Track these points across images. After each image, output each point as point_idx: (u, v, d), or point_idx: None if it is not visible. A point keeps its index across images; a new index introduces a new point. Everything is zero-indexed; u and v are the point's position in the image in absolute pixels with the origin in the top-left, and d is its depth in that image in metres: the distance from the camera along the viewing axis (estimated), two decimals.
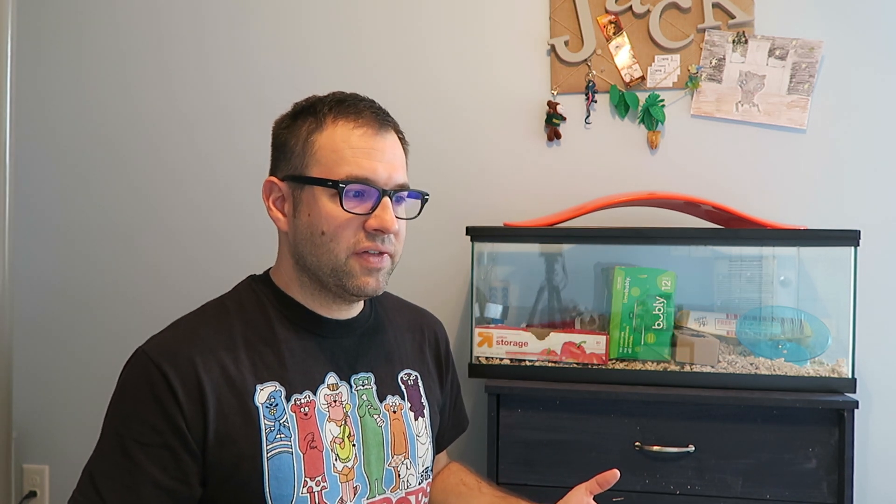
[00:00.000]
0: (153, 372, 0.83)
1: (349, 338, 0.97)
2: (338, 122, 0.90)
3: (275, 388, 0.87)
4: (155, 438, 0.82)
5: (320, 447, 0.88)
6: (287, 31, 1.79)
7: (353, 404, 0.93)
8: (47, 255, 1.88)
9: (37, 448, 1.88)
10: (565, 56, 1.68)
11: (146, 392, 0.83)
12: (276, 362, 0.89)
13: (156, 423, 0.82)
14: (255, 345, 0.89)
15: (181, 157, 1.83)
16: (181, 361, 0.84)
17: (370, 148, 0.89)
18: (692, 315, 1.50)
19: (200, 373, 0.84)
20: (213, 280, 1.80)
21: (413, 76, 1.74)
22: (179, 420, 0.82)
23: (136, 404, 0.83)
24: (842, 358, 1.40)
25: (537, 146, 1.71)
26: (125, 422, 0.83)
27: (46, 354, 1.88)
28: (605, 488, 0.90)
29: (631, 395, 1.34)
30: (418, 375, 1.05)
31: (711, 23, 1.64)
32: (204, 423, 0.82)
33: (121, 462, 0.82)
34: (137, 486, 0.81)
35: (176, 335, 0.89)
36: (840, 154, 1.62)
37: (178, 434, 0.82)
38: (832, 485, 1.29)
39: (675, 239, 1.55)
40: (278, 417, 0.86)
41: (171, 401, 0.82)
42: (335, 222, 0.88)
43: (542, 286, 1.62)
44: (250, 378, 0.86)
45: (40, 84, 1.87)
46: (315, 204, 0.89)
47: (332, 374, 0.93)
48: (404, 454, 0.97)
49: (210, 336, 0.88)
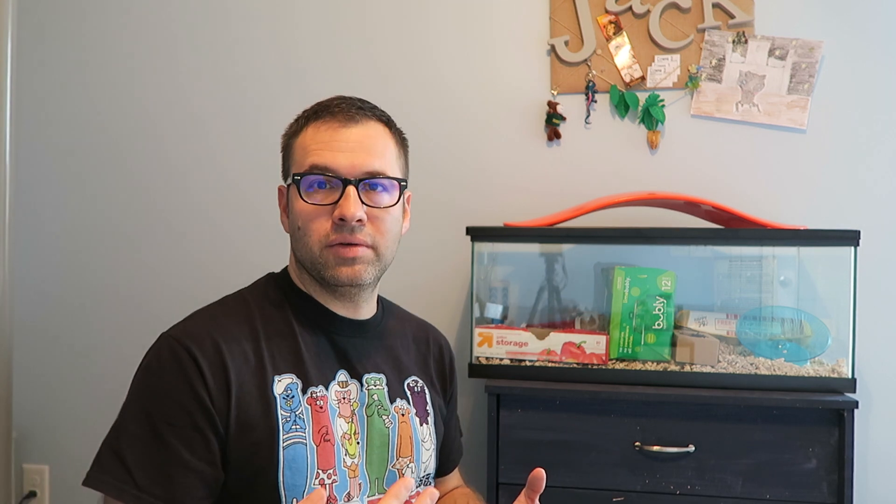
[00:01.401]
0: (182, 353, 0.84)
1: (361, 338, 0.98)
2: (310, 124, 0.94)
3: (292, 380, 0.88)
4: (185, 419, 0.82)
5: (332, 441, 0.89)
6: (288, 32, 1.79)
7: (361, 403, 0.94)
8: (48, 256, 1.88)
9: (37, 448, 1.88)
10: (565, 56, 1.68)
11: (176, 372, 0.83)
12: (292, 355, 0.90)
13: (186, 403, 0.82)
14: (273, 337, 0.91)
15: (181, 158, 1.83)
16: (208, 345, 0.85)
17: (331, 140, 0.90)
18: (692, 315, 1.50)
19: (226, 357, 0.85)
20: (213, 282, 1.81)
21: (413, 76, 1.74)
22: (207, 401, 0.82)
23: (165, 384, 0.83)
24: (842, 358, 1.40)
25: (537, 146, 1.71)
26: (154, 402, 0.83)
27: (47, 355, 1.88)
28: (539, 490, 0.85)
29: (631, 395, 1.34)
30: (424, 385, 1.05)
31: (711, 23, 1.64)
32: (228, 406, 0.83)
33: (151, 442, 0.81)
34: (168, 467, 0.81)
35: (200, 322, 0.90)
36: (840, 154, 1.62)
37: (207, 415, 0.82)
38: (832, 485, 1.29)
39: (675, 239, 1.55)
40: (294, 409, 0.87)
41: (200, 382, 0.82)
42: (304, 215, 0.90)
43: (542, 286, 1.62)
44: (269, 368, 0.87)
45: (40, 84, 1.87)
46: (293, 201, 0.93)
47: (342, 371, 0.94)
48: (409, 457, 0.97)
49: (232, 325, 0.89)
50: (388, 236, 0.93)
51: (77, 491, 1.87)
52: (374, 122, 0.94)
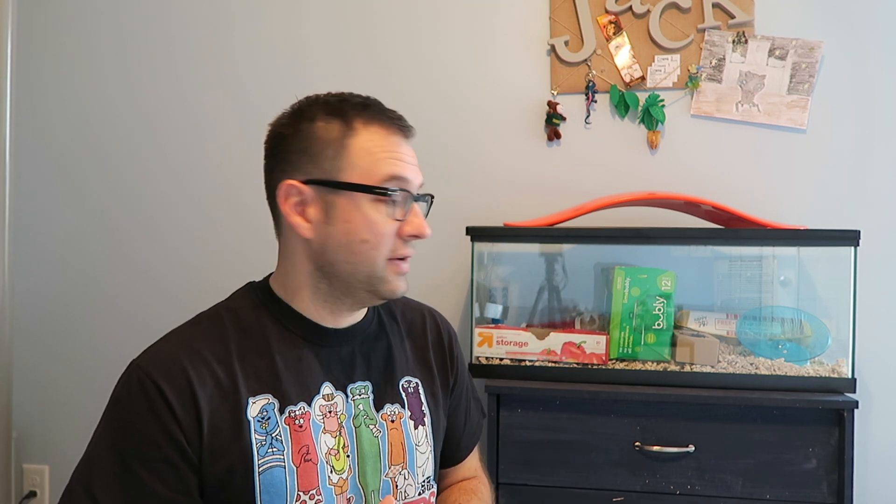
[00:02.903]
0: (149, 386, 0.81)
1: (347, 346, 0.95)
2: (370, 127, 0.88)
3: (268, 400, 0.86)
4: (155, 452, 0.80)
5: (315, 460, 0.87)
6: (288, 32, 1.79)
7: (348, 415, 0.92)
8: (48, 257, 1.88)
9: (37, 448, 1.88)
10: (565, 56, 1.68)
11: (143, 406, 0.81)
12: (269, 374, 0.87)
13: (155, 436, 0.80)
14: (248, 356, 0.88)
15: (180, 161, 1.83)
16: (176, 374, 0.82)
17: (399, 151, 0.89)
18: (692, 315, 1.50)
19: (195, 386, 0.82)
20: (208, 287, 1.81)
21: (413, 76, 1.74)
22: (178, 433, 0.80)
23: (134, 418, 0.81)
24: (842, 358, 1.40)
25: (537, 146, 1.71)
26: (123, 436, 0.81)
27: (46, 355, 1.88)
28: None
29: (631, 395, 1.34)
30: (419, 382, 1.02)
31: (711, 23, 1.64)
32: (199, 435, 0.81)
33: (121, 476, 0.80)
34: (139, 501, 0.79)
35: (170, 348, 0.86)
36: (840, 154, 1.62)
37: (177, 447, 0.80)
38: (832, 485, 1.29)
39: (675, 239, 1.55)
40: (270, 431, 0.85)
41: (168, 414, 0.80)
42: (379, 229, 0.87)
43: (542, 286, 1.62)
44: (243, 391, 0.85)
45: (40, 84, 1.87)
46: (356, 210, 0.87)
47: (327, 383, 0.91)
48: (402, 464, 0.95)
49: (204, 348, 0.86)
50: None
51: None
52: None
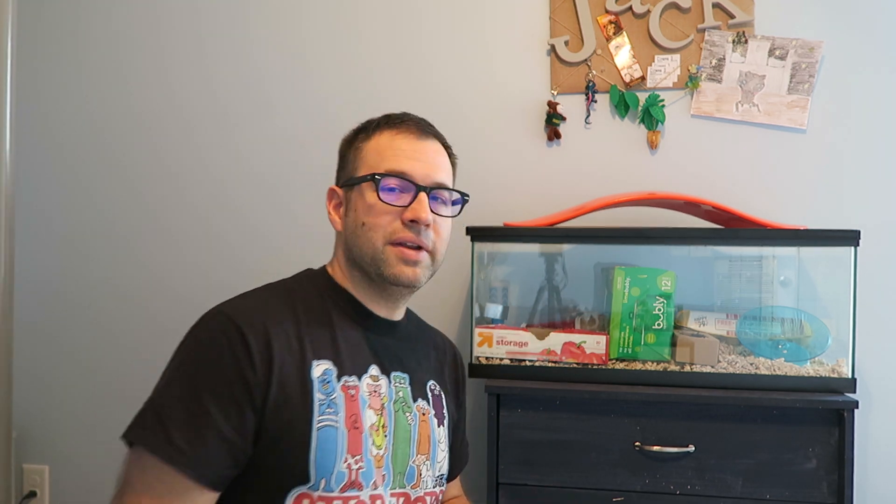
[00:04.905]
0: (231, 330, 0.88)
1: (391, 338, 1.04)
2: (383, 131, 1.02)
3: (328, 366, 0.93)
4: (226, 390, 0.85)
5: (362, 429, 0.93)
6: (287, 32, 1.79)
7: (389, 398, 0.99)
8: (48, 257, 1.88)
9: (37, 448, 1.88)
10: (565, 56, 1.68)
11: (223, 347, 0.87)
12: (330, 344, 0.96)
13: (230, 375, 0.86)
14: (312, 325, 0.96)
15: (181, 159, 1.83)
16: (256, 325, 0.89)
17: (410, 149, 1.00)
18: (692, 315, 1.50)
19: (271, 338, 0.89)
20: (212, 282, 1.81)
21: (413, 76, 1.74)
22: (251, 377, 0.86)
23: (213, 356, 0.87)
24: (842, 358, 1.40)
25: (537, 146, 1.70)
26: (200, 370, 0.87)
27: (47, 355, 1.88)
28: None
29: (631, 395, 1.34)
30: (441, 391, 1.11)
31: (711, 23, 1.64)
32: (268, 384, 0.87)
33: (191, 406, 0.85)
34: (204, 432, 0.84)
35: (249, 303, 0.95)
36: (840, 154, 1.62)
37: (247, 389, 0.86)
38: (832, 485, 1.29)
39: (675, 239, 1.55)
40: (329, 394, 0.92)
41: (245, 358, 0.86)
42: (373, 212, 0.97)
43: (542, 286, 1.62)
44: (309, 353, 0.92)
45: (40, 84, 1.87)
46: (360, 199, 1.00)
47: (374, 366, 0.99)
48: (426, 455, 1.02)
49: (277, 309, 0.94)
50: (444, 242, 1.04)
51: (77, 491, 1.88)
52: (438, 142, 1.06)
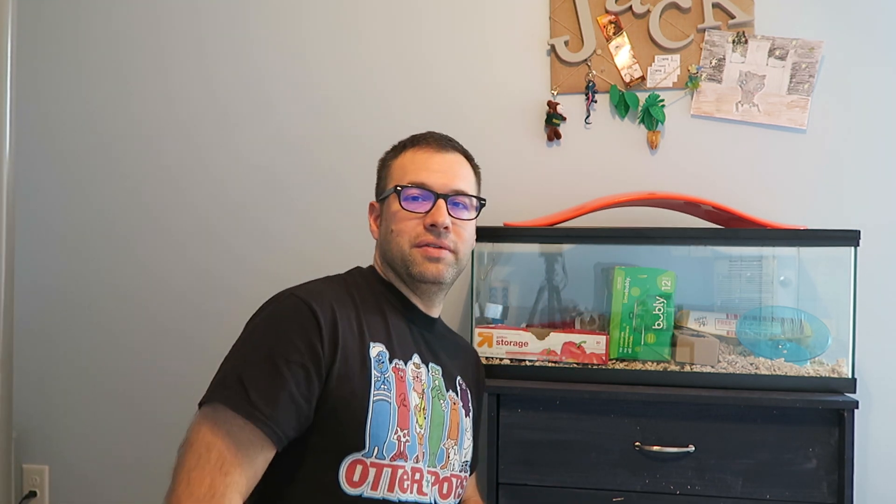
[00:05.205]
0: (303, 307, 0.99)
1: (429, 332, 1.17)
2: (407, 149, 1.17)
3: (383, 348, 1.05)
4: (298, 357, 0.95)
5: (408, 407, 1.03)
6: (286, 33, 1.79)
7: (428, 384, 1.09)
8: (48, 257, 1.88)
9: (37, 448, 1.88)
10: (565, 56, 1.68)
11: (296, 321, 0.98)
12: (383, 329, 1.07)
13: (301, 346, 0.95)
14: (368, 311, 1.08)
15: (181, 159, 1.83)
16: (325, 305, 1.00)
17: (429, 162, 1.13)
18: (692, 315, 1.50)
19: (338, 318, 1.00)
20: (212, 282, 1.81)
21: (413, 76, 1.74)
22: (319, 348, 0.96)
23: (287, 328, 0.97)
24: (842, 358, 1.40)
25: (537, 146, 1.70)
26: (274, 340, 0.96)
27: (47, 355, 1.88)
28: None
29: (631, 395, 1.34)
30: (468, 387, 1.22)
31: (711, 23, 1.64)
32: (333, 357, 0.97)
33: (266, 369, 0.94)
34: (277, 392, 0.92)
35: (316, 288, 1.06)
36: (840, 154, 1.62)
37: (315, 359, 0.96)
38: (832, 485, 1.29)
39: (675, 239, 1.55)
40: (383, 372, 1.02)
41: (315, 332, 0.97)
42: (399, 219, 1.11)
43: (542, 286, 1.62)
44: (367, 335, 1.03)
45: (40, 85, 1.87)
46: (388, 209, 1.14)
47: (416, 354, 1.11)
48: (455, 440, 1.12)
49: (341, 294, 1.06)
50: (466, 243, 1.15)
51: (77, 491, 1.88)
52: (458, 154, 1.18)
